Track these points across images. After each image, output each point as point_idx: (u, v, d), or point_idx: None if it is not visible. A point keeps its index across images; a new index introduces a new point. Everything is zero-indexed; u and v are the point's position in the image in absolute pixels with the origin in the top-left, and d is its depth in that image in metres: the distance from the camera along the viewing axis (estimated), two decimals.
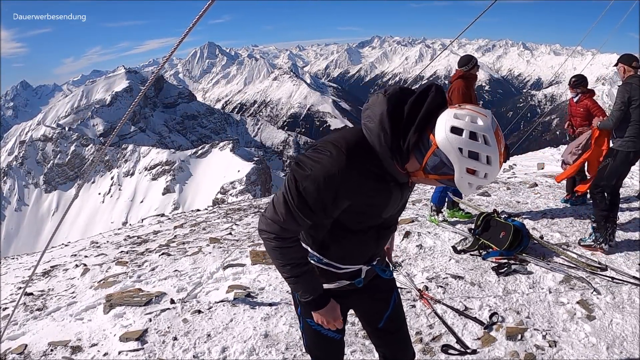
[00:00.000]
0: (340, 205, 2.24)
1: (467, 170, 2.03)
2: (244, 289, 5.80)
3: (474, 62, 7.46)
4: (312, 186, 2.15)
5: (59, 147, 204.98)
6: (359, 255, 2.61)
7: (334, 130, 2.40)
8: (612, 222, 6.57)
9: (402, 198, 2.47)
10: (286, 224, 2.27)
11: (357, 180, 2.18)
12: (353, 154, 2.16)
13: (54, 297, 6.99)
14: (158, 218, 16.93)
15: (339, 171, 2.13)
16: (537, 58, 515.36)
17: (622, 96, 6.21)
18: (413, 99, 2.11)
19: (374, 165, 2.20)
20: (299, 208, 2.21)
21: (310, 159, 2.17)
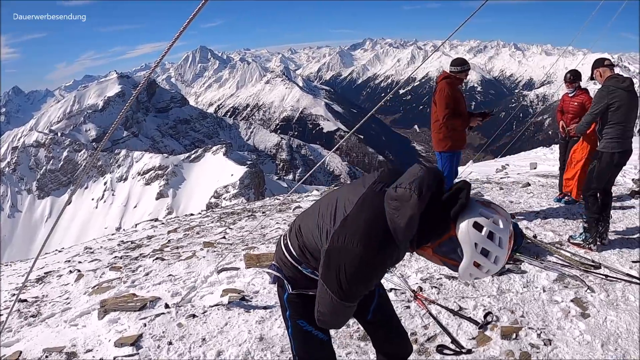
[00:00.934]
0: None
1: (474, 264, 2.21)
2: (238, 292, 5.79)
3: (466, 68, 7.44)
4: (361, 284, 2.35)
5: (52, 152, 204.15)
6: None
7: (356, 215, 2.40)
8: (605, 221, 6.61)
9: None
10: (349, 315, 2.56)
11: (387, 265, 2.44)
12: (382, 252, 2.30)
13: (48, 304, 6.95)
14: (152, 223, 16.90)
15: (375, 269, 2.35)
16: (529, 58, 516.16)
17: (600, 101, 6.24)
18: (443, 205, 2.27)
19: (393, 244, 2.30)
20: (353, 302, 2.44)
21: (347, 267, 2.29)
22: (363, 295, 2.43)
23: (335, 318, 2.51)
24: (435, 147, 7.64)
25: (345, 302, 2.39)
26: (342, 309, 2.42)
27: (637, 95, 6.46)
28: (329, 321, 2.53)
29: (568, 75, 8.77)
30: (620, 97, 6.12)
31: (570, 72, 8.78)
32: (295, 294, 2.76)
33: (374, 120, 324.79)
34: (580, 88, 8.77)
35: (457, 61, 7.52)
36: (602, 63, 6.43)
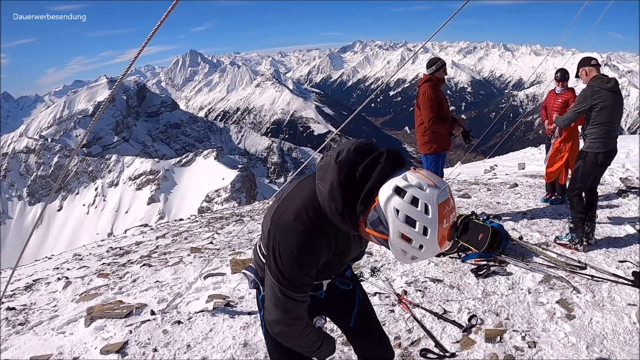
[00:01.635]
0: (320, 265, 2.33)
1: (401, 236, 2.00)
2: (223, 298, 5.78)
3: (439, 65, 7.46)
4: (300, 271, 2.23)
5: (42, 158, 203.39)
6: (322, 278, 2.68)
7: (294, 191, 2.38)
8: (591, 220, 6.62)
9: (362, 245, 2.56)
10: (297, 311, 2.34)
11: (326, 246, 2.26)
12: (314, 228, 2.19)
13: (36, 311, 6.92)
14: (141, 229, 16.89)
15: (310, 246, 2.19)
16: (518, 59, 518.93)
17: (583, 101, 6.27)
18: (362, 170, 2.12)
19: (329, 226, 2.22)
20: (300, 292, 2.28)
21: (281, 249, 2.20)
22: (305, 285, 2.29)
23: (281, 315, 2.32)
24: (421, 149, 7.65)
25: (286, 290, 2.24)
26: (286, 301, 2.28)
27: (622, 96, 6.49)
28: (276, 320, 2.35)
29: (558, 73, 8.81)
30: (604, 98, 6.13)
31: (560, 71, 8.82)
32: None
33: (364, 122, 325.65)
34: (568, 87, 8.81)
35: (430, 62, 7.56)
36: (589, 62, 6.44)
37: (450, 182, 13.43)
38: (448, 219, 1.98)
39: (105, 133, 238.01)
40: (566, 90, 8.75)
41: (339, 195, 2.10)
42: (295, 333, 2.40)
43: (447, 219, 1.97)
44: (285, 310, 2.31)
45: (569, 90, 8.75)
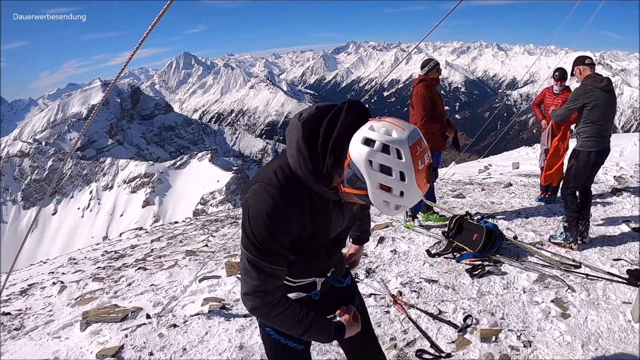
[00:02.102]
0: (293, 236, 2.20)
1: (380, 187, 1.93)
2: (219, 301, 5.78)
3: (432, 65, 7.49)
4: (267, 237, 2.11)
5: (36, 162, 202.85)
6: (310, 271, 2.53)
7: (267, 164, 2.30)
8: (585, 219, 6.63)
9: (344, 216, 2.42)
10: (265, 285, 2.20)
11: (298, 211, 2.15)
12: (284, 190, 2.11)
13: (32, 316, 6.92)
14: (136, 232, 16.85)
15: (277, 211, 2.09)
16: (512, 58, 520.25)
17: (576, 99, 6.30)
18: (326, 122, 2.06)
19: (306, 190, 2.15)
20: (266, 262, 2.15)
21: (251, 213, 2.12)
22: (274, 254, 2.15)
23: (248, 287, 2.20)
24: None
25: (253, 258, 2.13)
26: (254, 270, 2.16)
27: (615, 95, 6.50)
28: (244, 293, 2.23)
29: (557, 72, 8.78)
30: (596, 97, 6.15)
31: (559, 70, 8.78)
32: None
33: None
34: (566, 86, 8.82)
35: (424, 63, 7.61)
36: (583, 61, 6.47)
37: (444, 182, 13.45)
38: (423, 160, 1.91)
39: (100, 136, 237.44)
40: (565, 89, 8.75)
41: (305, 151, 2.06)
42: (265, 310, 2.25)
43: (421, 160, 1.90)
44: (254, 281, 2.19)
45: (567, 90, 8.75)
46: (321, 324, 2.41)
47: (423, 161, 1.90)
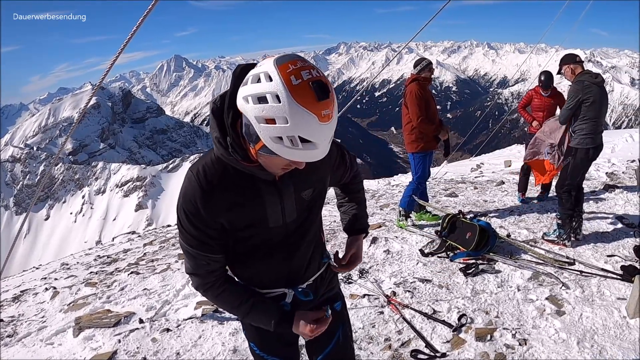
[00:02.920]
0: (221, 225, 2.13)
1: (264, 121, 1.73)
2: (211, 304, 5.73)
3: (424, 64, 7.52)
4: (187, 222, 2.09)
5: (28, 167, 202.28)
6: (270, 276, 2.38)
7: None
8: (579, 216, 6.63)
9: (283, 201, 2.20)
10: (197, 268, 2.20)
11: (222, 196, 2.07)
12: (205, 173, 2.07)
13: (24, 323, 6.86)
14: (129, 236, 16.81)
15: (198, 196, 2.04)
16: (502, 57, 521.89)
17: (575, 95, 6.29)
18: (223, 93, 1.98)
19: (228, 174, 2.07)
20: (191, 246, 2.14)
21: (179, 201, 2.10)
22: (197, 240, 2.10)
23: (185, 267, 2.25)
24: (408, 148, 7.66)
25: (181, 241, 2.15)
26: (185, 252, 2.18)
27: (607, 91, 6.52)
28: (184, 271, 2.39)
29: (542, 77, 8.73)
30: (594, 92, 6.19)
31: (545, 74, 8.74)
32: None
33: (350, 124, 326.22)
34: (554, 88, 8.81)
35: (416, 62, 7.66)
36: (574, 60, 6.48)
37: (436, 181, 13.45)
38: (299, 76, 1.69)
39: (91, 140, 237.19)
40: (554, 92, 8.75)
41: (215, 125, 1.97)
42: (201, 290, 2.27)
43: (296, 75, 1.69)
44: (187, 263, 2.23)
45: (555, 92, 8.76)
46: (264, 310, 2.30)
47: (299, 77, 1.69)
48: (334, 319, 2.53)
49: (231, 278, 2.35)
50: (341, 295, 2.76)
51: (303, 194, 2.26)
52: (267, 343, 2.55)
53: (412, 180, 7.77)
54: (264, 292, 2.38)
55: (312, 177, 2.26)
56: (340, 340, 2.67)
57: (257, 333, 2.53)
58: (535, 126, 8.69)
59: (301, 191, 2.24)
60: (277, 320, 2.29)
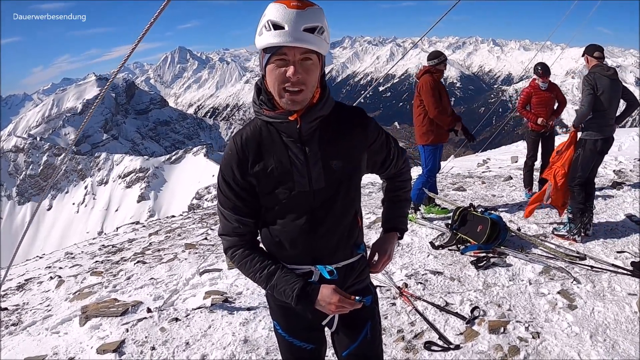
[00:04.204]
0: (250, 185, 2.24)
1: (258, 33, 2.02)
2: (221, 294, 5.72)
3: (442, 59, 7.52)
4: (222, 181, 2.26)
5: (31, 157, 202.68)
6: (294, 250, 2.33)
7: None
8: (589, 211, 6.62)
9: (309, 163, 2.22)
10: (227, 230, 2.33)
11: (251, 152, 2.21)
12: (241, 134, 2.24)
13: (29, 311, 6.85)
14: (133, 226, 16.81)
15: (233, 153, 2.21)
16: (507, 54, 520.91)
17: (589, 84, 6.29)
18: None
19: (260, 133, 2.22)
20: (223, 206, 2.30)
21: (221, 163, 2.32)
22: (227, 199, 2.25)
23: (218, 229, 2.39)
24: (418, 140, 7.63)
25: (219, 202, 2.33)
26: (219, 213, 2.34)
27: (621, 84, 6.52)
28: (218, 232, 2.43)
29: (541, 68, 8.64)
30: (604, 84, 6.21)
31: (542, 65, 8.67)
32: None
33: None
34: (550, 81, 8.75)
35: (433, 54, 7.59)
36: (592, 53, 6.52)
37: (444, 175, 13.44)
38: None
39: (94, 131, 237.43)
40: (551, 84, 8.70)
41: (255, 89, 2.24)
42: (228, 252, 2.37)
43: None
44: (219, 223, 2.37)
45: (553, 85, 8.72)
46: (287, 281, 2.25)
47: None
48: (363, 313, 2.47)
49: (259, 247, 2.41)
50: (372, 290, 2.62)
51: (332, 162, 2.25)
52: (292, 324, 2.54)
53: (422, 173, 7.74)
54: (290, 266, 2.34)
55: (341, 147, 2.26)
56: (369, 336, 2.54)
57: (281, 313, 2.53)
58: (541, 122, 8.59)
59: (329, 159, 2.24)
60: (299, 293, 2.23)
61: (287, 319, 2.53)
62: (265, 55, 2.03)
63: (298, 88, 2.04)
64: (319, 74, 2.12)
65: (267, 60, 2.03)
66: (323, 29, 2.02)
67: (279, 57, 2.00)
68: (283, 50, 1.98)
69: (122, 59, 2.78)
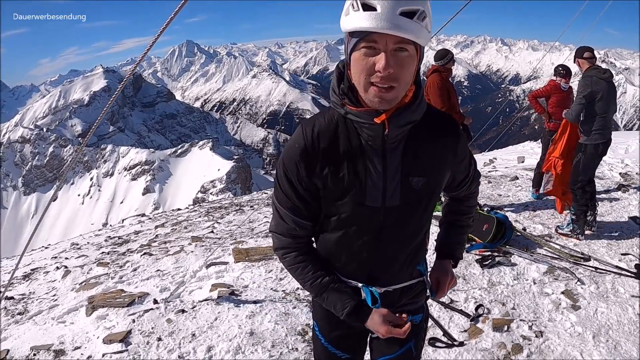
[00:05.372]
0: (315, 187, 1.96)
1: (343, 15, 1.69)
2: (227, 287, 5.74)
3: (450, 57, 7.49)
4: (284, 177, 1.97)
5: (37, 148, 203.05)
6: (351, 265, 2.13)
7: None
8: (593, 209, 6.67)
9: (387, 177, 1.92)
10: (282, 229, 2.09)
11: (322, 151, 1.90)
12: (313, 125, 1.92)
13: (35, 301, 6.86)
14: (139, 218, 16.84)
15: (300, 148, 1.90)
16: (515, 54, 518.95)
17: (583, 90, 6.31)
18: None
19: (336, 130, 1.91)
20: (281, 204, 2.04)
21: (282, 154, 2.01)
22: (285, 196, 2.00)
23: (270, 225, 2.16)
24: None
25: (274, 195, 2.06)
26: (274, 209, 2.08)
27: (615, 87, 6.54)
28: (269, 228, 2.17)
29: (562, 70, 8.59)
30: (602, 88, 6.23)
31: (564, 67, 8.64)
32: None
33: None
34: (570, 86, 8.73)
35: (440, 53, 7.56)
36: (581, 54, 6.53)
37: None
38: None
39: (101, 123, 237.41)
40: (570, 87, 8.68)
41: (335, 75, 1.89)
42: (279, 253, 2.16)
43: None
44: (273, 220, 2.14)
45: (570, 87, 8.70)
46: (339, 295, 2.09)
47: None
48: (410, 330, 2.17)
49: (314, 250, 2.20)
50: (425, 308, 2.41)
51: (412, 179, 1.95)
52: (332, 330, 2.37)
53: None
54: (342, 279, 2.15)
55: (426, 163, 1.95)
56: (413, 353, 2.33)
57: (324, 316, 2.36)
58: (545, 118, 8.61)
59: (411, 175, 1.94)
60: (350, 311, 2.07)
61: (328, 322, 2.35)
62: (351, 39, 1.68)
63: (388, 84, 1.68)
64: (415, 68, 1.75)
65: (353, 46, 1.68)
66: (425, 13, 1.63)
67: (368, 44, 1.64)
68: (373, 37, 1.62)
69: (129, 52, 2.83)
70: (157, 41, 2.60)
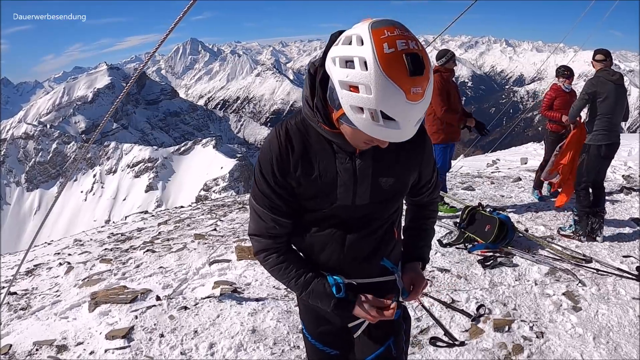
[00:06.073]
0: (290, 187, 2.02)
1: (348, 87, 1.58)
2: (230, 284, 5.76)
3: (449, 56, 7.48)
4: (260, 176, 2.03)
5: (41, 145, 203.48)
6: (323, 259, 2.20)
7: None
8: (599, 216, 6.64)
9: (357, 180, 2.01)
10: (261, 230, 2.13)
11: (296, 155, 1.97)
12: (286, 130, 1.99)
13: (38, 296, 6.86)
14: (142, 215, 16.82)
15: (275, 151, 1.97)
16: (520, 55, 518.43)
17: (587, 88, 6.37)
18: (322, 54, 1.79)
19: (309, 136, 1.97)
20: (259, 204, 2.08)
21: (259, 156, 2.08)
22: (265, 197, 2.04)
23: (249, 227, 2.18)
24: None
25: (252, 197, 2.10)
26: (251, 210, 2.13)
27: (626, 90, 6.55)
28: (248, 232, 2.20)
29: (567, 70, 8.57)
30: (608, 89, 6.24)
31: (567, 68, 8.63)
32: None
33: None
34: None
35: (440, 54, 7.56)
36: (594, 57, 6.58)
37: (453, 174, 13.44)
38: (392, 44, 1.52)
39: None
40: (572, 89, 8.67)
41: (306, 83, 1.87)
42: (260, 255, 2.19)
43: (389, 43, 1.51)
44: (250, 222, 2.17)
45: (573, 91, 8.69)
46: (322, 291, 2.13)
47: (393, 45, 1.52)
48: (386, 328, 2.32)
49: (294, 250, 2.25)
50: (401, 305, 2.43)
51: (382, 180, 2.05)
52: (318, 327, 2.45)
53: None
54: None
55: (395, 164, 2.06)
56: (393, 352, 2.36)
57: (308, 314, 2.45)
58: (566, 120, 8.57)
59: (380, 176, 2.04)
60: (336, 301, 2.12)
61: (314, 321, 2.44)
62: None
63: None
64: None
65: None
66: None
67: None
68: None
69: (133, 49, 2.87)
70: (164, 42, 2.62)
